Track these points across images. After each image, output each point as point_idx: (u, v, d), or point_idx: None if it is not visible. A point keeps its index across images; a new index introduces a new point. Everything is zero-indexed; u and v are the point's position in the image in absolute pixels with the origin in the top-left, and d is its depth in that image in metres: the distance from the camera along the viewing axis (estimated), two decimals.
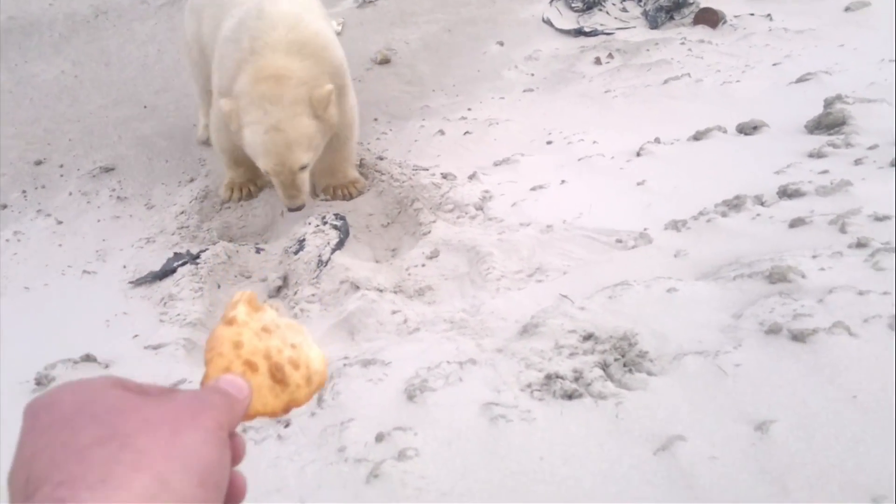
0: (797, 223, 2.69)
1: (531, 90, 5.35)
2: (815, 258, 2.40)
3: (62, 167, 4.93)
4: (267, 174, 3.64)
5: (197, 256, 3.56)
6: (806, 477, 1.63)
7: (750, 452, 1.74)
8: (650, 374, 2.09)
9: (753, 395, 1.90)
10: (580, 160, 3.91)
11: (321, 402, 2.24)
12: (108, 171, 4.82)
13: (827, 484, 1.60)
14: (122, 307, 3.33)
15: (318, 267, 3.32)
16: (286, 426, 2.17)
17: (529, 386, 2.14)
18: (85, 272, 3.75)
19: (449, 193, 3.72)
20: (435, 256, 3.26)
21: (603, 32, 6.09)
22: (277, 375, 0.83)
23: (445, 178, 3.96)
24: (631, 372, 2.12)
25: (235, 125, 3.57)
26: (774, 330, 2.07)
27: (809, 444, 1.70)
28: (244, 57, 3.55)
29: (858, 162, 3.13)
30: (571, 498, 1.75)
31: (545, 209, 3.38)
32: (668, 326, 2.26)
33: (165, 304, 3.26)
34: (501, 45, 6.14)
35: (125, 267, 3.73)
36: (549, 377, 2.14)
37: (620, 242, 2.96)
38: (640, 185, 3.42)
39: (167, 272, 3.52)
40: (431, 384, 2.20)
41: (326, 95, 3.51)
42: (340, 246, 3.51)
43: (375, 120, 5.15)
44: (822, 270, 2.32)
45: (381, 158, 4.45)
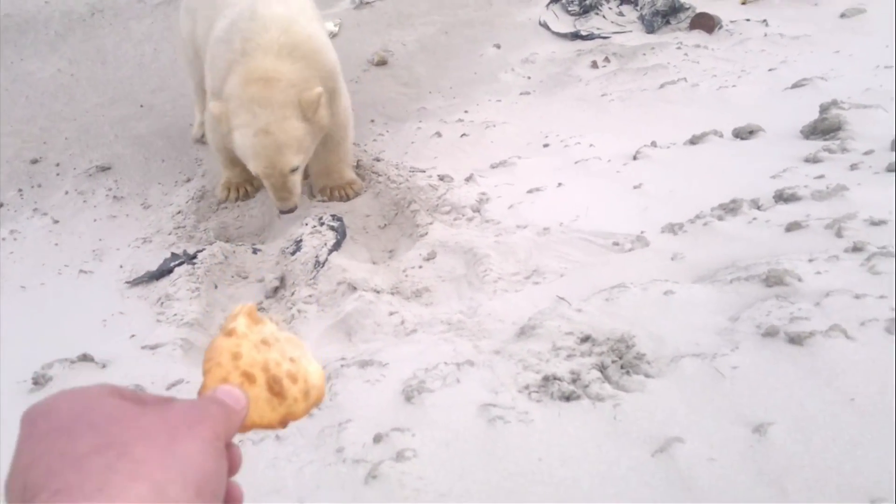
0: (793, 227, 2.70)
1: (528, 93, 5.36)
2: (811, 262, 2.42)
3: (58, 166, 4.91)
4: (258, 177, 3.65)
5: (194, 257, 3.56)
6: (804, 479, 1.64)
7: (748, 454, 1.74)
8: (647, 376, 2.10)
9: (751, 397, 1.90)
10: (577, 163, 3.92)
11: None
12: (104, 170, 4.81)
13: (825, 486, 1.61)
14: (118, 307, 3.33)
15: (315, 268, 3.32)
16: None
17: (527, 387, 2.14)
18: (81, 271, 3.74)
19: (446, 195, 3.73)
20: (432, 258, 3.26)
21: (599, 36, 6.11)
22: (275, 388, 0.83)
23: (442, 179, 3.96)
24: (628, 374, 2.13)
25: (225, 128, 3.57)
26: (771, 333, 2.08)
27: (807, 446, 1.71)
28: (235, 58, 3.55)
29: (854, 167, 3.15)
30: (569, 499, 1.75)
31: (542, 212, 3.39)
32: (665, 329, 2.27)
33: (162, 304, 3.26)
34: (498, 47, 6.15)
35: (122, 267, 3.72)
36: (546, 379, 2.14)
37: (617, 245, 2.97)
38: (636, 188, 3.43)
39: (164, 272, 3.51)
40: (429, 385, 2.20)
41: (316, 98, 3.51)
42: (337, 247, 3.51)
43: (372, 121, 5.15)
44: (818, 274, 2.33)
45: (377, 160, 4.45)
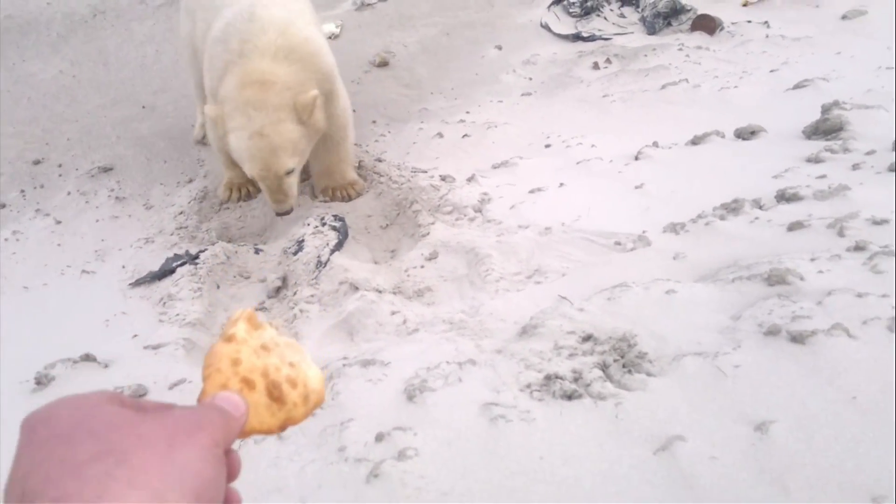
0: (795, 227, 2.70)
1: (529, 94, 5.37)
2: (813, 261, 2.42)
3: (61, 167, 4.92)
4: (253, 179, 3.66)
5: (196, 257, 3.56)
6: (805, 477, 1.64)
7: (750, 453, 1.74)
8: (649, 374, 2.10)
9: (753, 395, 1.90)
10: (578, 163, 3.92)
11: None
12: (106, 171, 4.82)
13: (826, 484, 1.61)
14: (121, 307, 3.33)
15: (317, 268, 3.33)
16: None
17: (529, 386, 2.14)
18: (84, 272, 3.75)
19: (448, 195, 3.73)
20: (434, 258, 3.26)
21: (601, 38, 6.12)
22: (274, 393, 0.83)
23: (444, 180, 3.97)
24: (630, 373, 2.13)
25: (221, 130, 3.58)
26: (773, 331, 2.08)
27: (809, 444, 1.71)
28: (232, 59, 3.55)
29: (856, 167, 3.15)
30: (571, 498, 1.75)
31: (544, 212, 3.39)
32: (666, 328, 2.27)
33: (164, 304, 3.26)
34: (500, 49, 6.16)
35: (124, 267, 3.73)
36: (548, 378, 2.14)
37: (619, 245, 2.97)
38: (638, 188, 3.43)
39: (166, 272, 3.52)
40: (431, 384, 2.20)
41: (311, 101, 3.52)
42: (339, 247, 3.52)
43: (374, 122, 5.16)
44: (820, 273, 2.33)
45: (379, 160, 4.46)
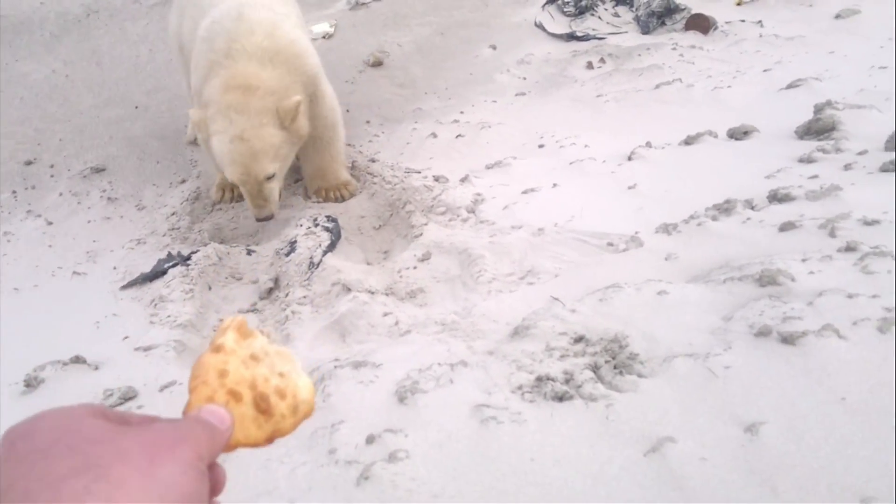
0: (787, 227, 2.70)
1: (523, 94, 5.37)
2: (804, 262, 2.42)
3: (52, 167, 4.91)
4: (233, 183, 3.65)
5: (188, 258, 3.55)
6: (795, 478, 1.64)
7: (740, 454, 1.74)
8: (640, 375, 2.10)
9: (743, 396, 1.90)
10: (572, 164, 3.92)
11: None
12: (98, 171, 4.81)
13: (816, 485, 1.61)
14: (112, 308, 3.32)
15: (309, 269, 3.32)
16: None
17: (520, 388, 2.14)
18: (75, 273, 3.74)
19: (441, 196, 3.73)
20: (427, 259, 3.26)
21: (595, 37, 6.12)
22: (262, 406, 0.82)
23: (437, 180, 3.97)
24: (621, 374, 2.13)
25: (204, 134, 3.57)
26: (764, 332, 2.08)
27: (799, 445, 1.71)
28: (217, 59, 3.54)
29: (848, 167, 3.15)
30: (562, 499, 1.75)
31: (537, 212, 3.39)
32: (658, 329, 2.27)
33: (156, 305, 3.25)
34: (494, 48, 6.16)
35: (116, 268, 3.72)
36: (539, 379, 2.14)
37: (611, 245, 2.97)
38: (631, 188, 3.43)
39: (158, 274, 3.51)
40: (422, 386, 2.19)
41: (294, 107, 3.50)
42: (332, 248, 3.51)
43: (368, 122, 5.15)
44: (811, 274, 2.33)
45: (373, 161, 4.45)
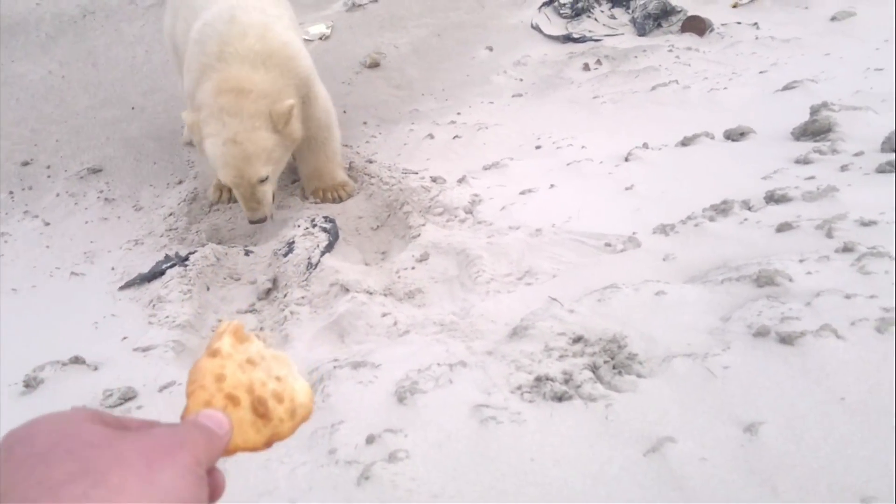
0: (784, 228, 2.71)
1: (520, 95, 5.38)
2: (802, 262, 2.43)
3: (49, 168, 4.90)
4: (226, 186, 3.66)
5: (186, 258, 3.55)
6: (795, 478, 1.65)
7: (739, 454, 1.75)
8: (639, 376, 2.10)
9: (742, 396, 1.91)
10: (569, 165, 3.93)
11: None
12: (95, 172, 4.80)
13: (815, 485, 1.62)
14: (110, 309, 3.32)
15: (307, 269, 3.32)
16: None
17: (519, 388, 2.14)
18: (73, 274, 3.73)
19: (438, 197, 3.73)
20: (424, 259, 3.26)
21: (591, 39, 6.14)
22: (260, 410, 0.82)
23: (435, 181, 3.97)
24: (620, 374, 2.13)
25: (197, 137, 3.57)
26: (762, 333, 2.09)
27: (798, 445, 1.72)
28: (210, 63, 3.54)
29: (844, 168, 3.16)
30: (562, 499, 1.75)
31: (534, 213, 3.39)
32: (656, 329, 2.27)
33: (154, 306, 3.25)
34: (490, 50, 6.17)
35: (113, 269, 3.71)
36: (538, 379, 2.14)
37: (609, 246, 2.98)
38: (628, 189, 3.44)
39: (156, 274, 3.50)
40: (421, 386, 2.20)
41: (287, 110, 3.51)
42: (330, 249, 3.51)
43: (365, 123, 5.15)
44: (808, 274, 2.34)
45: (370, 162, 4.45)
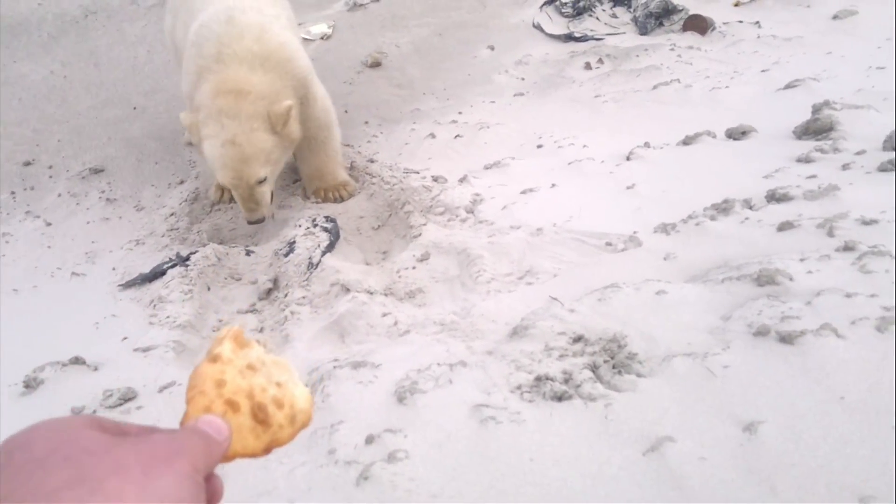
0: (785, 227, 2.71)
1: (521, 94, 5.37)
2: (802, 261, 2.42)
3: (51, 168, 4.91)
4: (225, 187, 3.66)
5: (187, 259, 3.55)
6: (794, 477, 1.64)
7: (738, 453, 1.74)
8: (639, 375, 2.10)
9: (742, 396, 1.91)
10: (570, 164, 3.92)
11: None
12: (97, 172, 4.81)
13: (814, 484, 1.61)
14: (111, 309, 3.32)
15: (308, 269, 3.32)
16: None
17: (519, 388, 2.14)
18: (74, 274, 3.74)
19: (439, 196, 3.73)
20: (425, 259, 3.26)
21: (593, 38, 6.13)
22: (260, 416, 0.82)
23: (436, 181, 3.97)
24: (620, 373, 2.13)
25: (196, 138, 3.58)
26: (762, 332, 2.09)
27: (797, 444, 1.71)
28: (207, 64, 3.54)
29: (846, 167, 3.15)
30: (561, 499, 1.75)
31: (535, 212, 3.39)
32: (657, 328, 2.27)
33: (155, 306, 3.25)
34: (492, 49, 6.16)
35: (114, 269, 3.72)
36: (538, 379, 2.14)
37: (610, 245, 2.97)
38: (629, 188, 3.43)
39: (157, 274, 3.51)
40: (421, 386, 2.20)
41: (285, 111, 3.51)
42: (331, 248, 3.51)
43: (366, 123, 5.15)
44: (809, 273, 2.33)
45: (371, 161, 4.45)
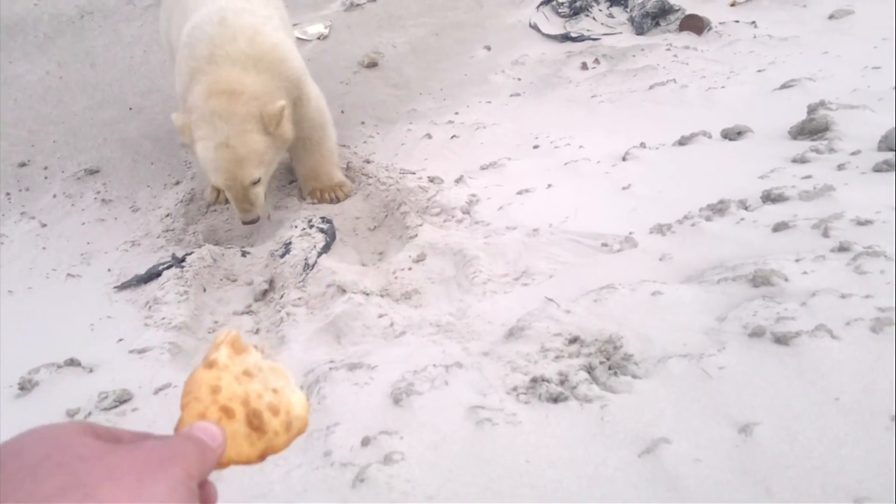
0: (780, 227, 2.71)
1: (518, 94, 5.37)
2: (798, 262, 2.42)
3: (46, 169, 4.89)
4: (218, 188, 3.66)
5: (182, 260, 3.55)
6: (789, 478, 1.65)
7: (734, 454, 1.75)
8: (635, 376, 2.10)
9: (737, 397, 1.91)
10: (566, 164, 3.92)
11: None
12: (92, 173, 4.80)
13: (809, 485, 1.62)
14: (106, 311, 3.31)
15: (304, 270, 3.31)
16: None
17: (515, 389, 2.14)
18: (69, 275, 3.73)
19: (436, 197, 3.73)
20: (421, 260, 3.26)
21: (589, 38, 6.13)
22: (255, 423, 0.81)
23: (432, 181, 3.97)
24: (616, 375, 2.13)
25: (188, 139, 3.57)
26: (758, 333, 2.09)
27: (792, 445, 1.72)
28: (199, 66, 3.53)
29: (841, 167, 3.16)
30: (557, 500, 1.75)
31: (531, 213, 3.39)
32: (652, 329, 2.27)
33: (150, 307, 3.24)
34: (488, 49, 6.16)
35: (110, 270, 3.71)
36: (534, 380, 2.14)
37: (606, 246, 2.98)
38: (625, 189, 3.43)
39: (152, 276, 3.50)
40: (417, 388, 2.19)
41: (277, 112, 3.50)
42: (327, 249, 3.51)
43: (362, 123, 5.15)
44: (804, 274, 2.34)
45: (367, 162, 4.45)
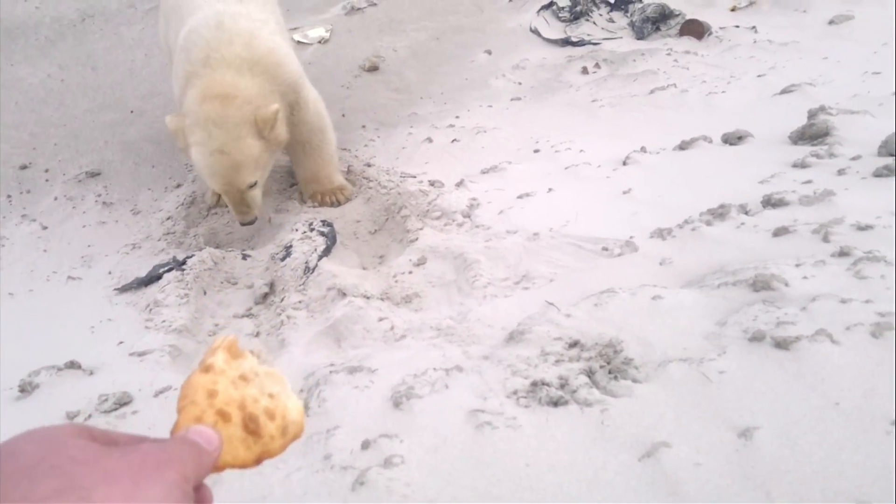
0: (781, 232, 2.71)
1: (518, 99, 5.38)
2: (798, 267, 2.43)
3: (48, 172, 4.90)
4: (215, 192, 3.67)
5: (183, 262, 3.55)
6: (789, 483, 1.65)
7: (734, 459, 1.75)
8: (635, 381, 2.10)
9: (737, 401, 1.91)
10: (567, 168, 3.93)
11: (307, 409, 2.23)
12: (93, 175, 4.80)
13: (810, 490, 1.62)
14: (107, 313, 3.32)
15: (304, 274, 3.32)
16: None
17: (515, 393, 2.14)
18: (70, 278, 3.73)
19: (436, 201, 3.73)
20: (422, 263, 3.26)
21: (590, 42, 6.14)
22: (251, 426, 0.82)
23: (433, 185, 3.97)
24: (616, 379, 2.13)
25: (183, 143, 3.58)
26: (758, 337, 2.09)
27: (792, 450, 1.72)
28: (195, 70, 3.53)
29: (841, 172, 3.16)
30: None
31: (532, 217, 3.39)
32: (653, 334, 2.27)
33: (151, 310, 3.24)
34: (489, 53, 6.17)
35: (111, 273, 3.71)
36: (534, 384, 2.14)
37: (606, 250, 2.98)
38: (626, 193, 3.44)
39: (153, 278, 3.50)
40: (417, 391, 2.20)
41: (271, 115, 3.50)
42: (327, 253, 3.51)
43: (363, 127, 5.15)
44: (805, 279, 2.34)
45: (368, 165, 4.45)
